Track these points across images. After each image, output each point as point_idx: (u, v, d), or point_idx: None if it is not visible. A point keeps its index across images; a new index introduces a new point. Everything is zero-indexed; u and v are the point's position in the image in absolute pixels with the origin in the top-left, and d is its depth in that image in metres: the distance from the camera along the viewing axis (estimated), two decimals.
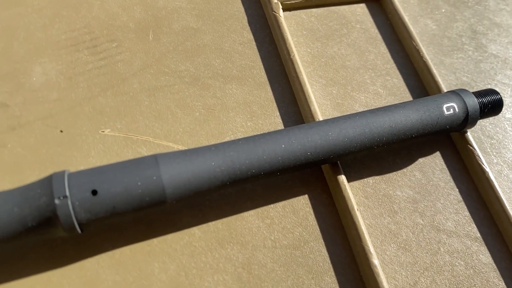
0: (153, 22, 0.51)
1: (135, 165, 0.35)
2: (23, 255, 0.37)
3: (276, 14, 0.51)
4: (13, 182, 0.39)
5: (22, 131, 0.42)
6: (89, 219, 0.33)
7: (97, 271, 0.37)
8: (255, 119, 0.46)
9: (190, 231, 0.39)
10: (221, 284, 0.37)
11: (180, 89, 0.46)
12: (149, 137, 0.43)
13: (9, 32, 0.47)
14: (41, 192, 0.32)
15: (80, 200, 0.33)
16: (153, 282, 0.36)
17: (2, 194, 0.33)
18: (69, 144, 0.42)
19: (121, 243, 0.38)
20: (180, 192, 0.35)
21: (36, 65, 0.46)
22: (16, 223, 0.32)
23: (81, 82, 0.45)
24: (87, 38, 0.48)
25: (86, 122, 0.43)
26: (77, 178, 0.34)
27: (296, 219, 0.41)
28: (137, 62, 0.47)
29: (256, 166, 0.37)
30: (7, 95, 0.44)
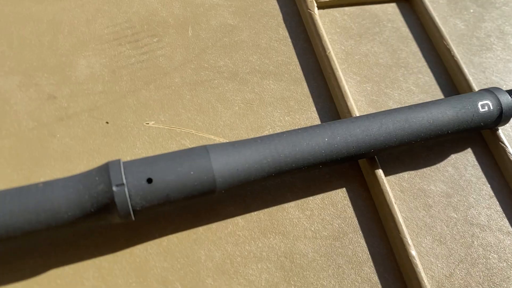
0: (191, 18, 0.52)
1: (187, 155, 0.36)
2: (75, 241, 0.38)
3: (311, 12, 0.52)
4: (63, 170, 0.40)
5: (69, 122, 0.43)
6: (143, 206, 0.34)
7: (146, 258, 0.38)
8: (292, 114, 0.46)
9: (233, 220, 0.40)
10: (265, 272, 0.38)
11: (220, 84, 0.47)
12: (192, 129, 0.44)
13: (55, 26, 0.48)
14: (99, 179, 0.33)
15: (136, 187, 0.33)
16: (200, 269, 0.37)
17: (61, 181, 0.34)
18: (115, 135, 0.43)
19: (168, 231, 0.39)
20: (229, 182, 0.36)
21: (81, 58, 0.47)
22: (76, 208, 0.33)
23: (124, 76, 0.46)
24: (128, 32, 0.49)
25: (131, 114, 0.44)
26: (133, 166, 0.34)
27: (335, 211, 0.42)
28: (178, 57, 0.48)
29: (300, 159, 0.38)
30: (54, 87, 0.45)
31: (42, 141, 0.41)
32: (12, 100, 0.43)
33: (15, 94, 0.44)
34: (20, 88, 0.44)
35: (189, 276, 0.37)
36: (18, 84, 0.44)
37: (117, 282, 0.36)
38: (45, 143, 0.41)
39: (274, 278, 0.38)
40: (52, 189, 0.33)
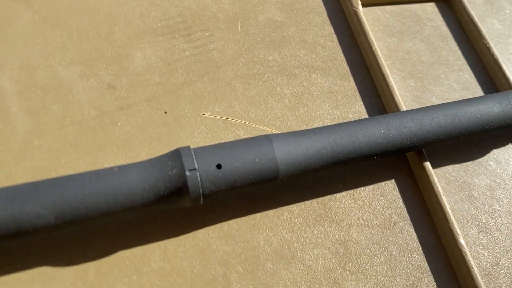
0: (240, 14, 0.53)
1: (252, 144, 0.37)
2: (139, 225, 0.39)
3: (356, 10, 0.53)
4: (126, 157, 0.42)
5: (129, 111, 0.44)
6: (212, 191, 0.35)
7: (208, 242, 0.39)
8: (341, 108, 0.47)
9: (289, 208, 0.41)
10: (321, 258, 0.39)
11: (270, 77, 0.48)
12: (245, 120, 0.45)
13: (111, 18, 0.50)
14: (172, 164, 0.35)
15: (206, 173, 0.35)
16: (260, 253, 0.39)
17: (135, 166, 0.35)
18: (174, 124, 0.44)
19: (228, 216, 0.40)
20: (291, 170, 0.37)
21: (137, 50, 0.48)
22: (150, 192, 0.34)
23: (179, 68, 0.47)
24: (181, 26, 0.50)
25: (188, 105, 0.45)
26: (203, 153, 0.36)
27: (385, 202, 0.43)
28: (229, 51, 0.49)
29: (357, 149, 0.39)
30: (113, 77, 0.46)
31: (104, 129, 0.43)
32: (74, 89, 0.44)
33: (77, 84, 0.45)
34: (81, 78, 0.45)
35: (250, 260, 0.38)
36: (79, 74, 0.45)
37: (182, 264, 0.37)
38: (108, 131, 0.43)
39: (329, 264, 0.39)
40: (127, 173, 0.34)
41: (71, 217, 0.33)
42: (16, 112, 0.42)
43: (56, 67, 0.45)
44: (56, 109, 0.43)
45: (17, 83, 0.44)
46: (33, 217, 0.32)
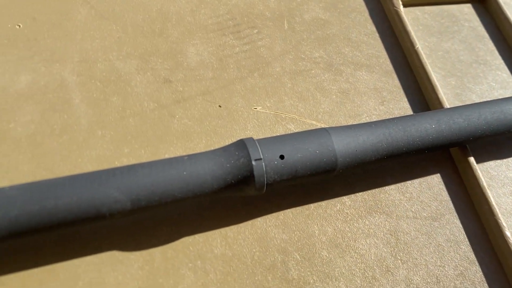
0: (286, 12, 0.54)
1: (312, 136, 0.38)
2: (200, 213, 0.40)
3: (397, 9, 0.54)
4: (185, 148, 0.43)
5: (186, 104, 0.45)
6: (275, 180, 0.36)
7: (266, 230, 0.40)
8: (386, 104, 0.49)
9: (341, 199, 0.42)
10: (373, 247, 0.40)
11: (317, 73, 0.49)
12: (295, 115, 0.46)
13: (163, 15, 0.51)
14: (239, 154, 0.36)
15: (271, 163, 0.36)
16: (315, 242, 0.40)
17: (203, 155, 0.36)
18: (228, 118, 0.45)
19: (283, 206, 0.41)
20: (348, 162, 0.38)
21: (190, 46, 0.49)
22: (219, 179, 0.35)
23: (230, 64, 0.49)
24: (230, 24, 0.51)
25: (240, 99, 0.46)
26: (267, 144, 0.37)
27: (431, 194, 0.44)
28: (277, 48, 0.51)
29: (410, 143, 0.40)
30: (169, 72, 0.47)
31: (163, 121, 0.44)
32: (132, 82, 0.46)
33: (135, 77, 0.46)
34: (138, 71, 0.46)
35: (306, 248, 0.40)
36: (136, 68, 0.47)
37: (243, 250, 0.39)
38: (166, 122, 0.44)
39: (381, 253, 0.40)
40: (197, 162, 0.36)
41: (146, 202, 0.34)
42: (79, 103, 0.44)
43: (114, 61, 0.47)
44: (116, 101, 0.44)
45: (78, 75, 0.45)
46: (111, 202, 0.33)
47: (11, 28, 0.47)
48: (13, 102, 0.43)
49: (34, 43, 0.46)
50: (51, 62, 0.45)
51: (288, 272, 0.38)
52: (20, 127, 0.41)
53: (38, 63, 0.45)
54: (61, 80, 0.45)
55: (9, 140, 0.41)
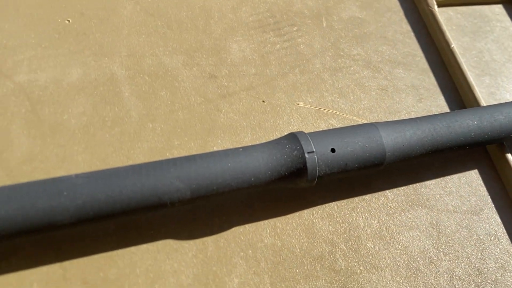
0: (324, 10, 0.54)
1: (360, 130, 0.39)
2: (250, 204, 0.41)
3: (432, 10, 0.54)
4: (232, 141, 0.44)
5: (231, 99, 0.46)
6: (325, 173, 0.37)
7: (312, 221, 0.41)
8: (424, 101, 0.49)
9: (384, 193, 0.43)
10: (416, 239, 0.41)
11: (356, 70, 0.50)
12: (336, 111, 0.47)
13: (205, 12, 0.52)
14: (291, 147, 0.37)
15: (322, 156, 0.37)
16: (361, 234, 0.41)
17: (257, 147, 0.37)
18: (272, 112, 0.46)
19: (329, 199, 0.42)
20: (395, 156, 0.39)
21: (232, 42, 0.50)
22: (273, 171, 0.36)
23: (272, 60, 0.49)
24: (270, 21, 0.52)
25: (283, 95, 0.47)
26: (318, 137, 0.38)
27: (470, 190, 0.45)
28: (316, 45, 0.51)
29: (454, 139, 0.41)
30: (213, 68, 0.48)
31: (210, 115, 0.45)
32: (180, 77, 0.46)
33: (181, 72, 0.47)
34: (184, 66, 0.47)
35: (352, 239, 0.40)
36: (182, 63, 0.47)
37: (291, 241, 0.40)
38: (213, 116, 0.45)
39: (424, 245, 0.41)
40: (252, 154, 0.36)
41: (204, 192, 0.35)
42: (129, 96, 0.44)
43: (161, 56, 0.47)
44: (164, 95, 0.45)
45: (127, 69, 0.46)
46: (173, 190, 0.34)
47: (61, 22, 0.48)
48: (66, 95, 0.44)
49: (83, 37, 0.47)
50: (100, 56, 0.46)
51: (335, 262, 0.39)
52: (74, 119, 0.42)
53: (88, 57, 0.46)
54: (110, 73, 0.45)
55: (63, 131, 0.42)
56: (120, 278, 0.36)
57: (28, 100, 0.42)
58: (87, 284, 0.35)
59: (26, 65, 0.44)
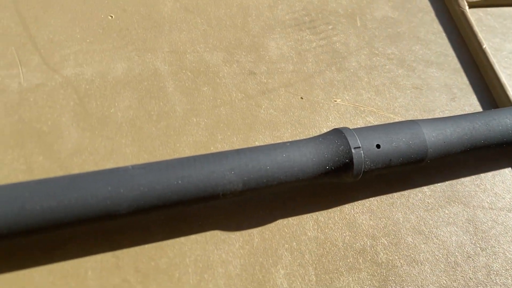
0: (357, 10, 0.55)
1: (403, 127, 0.40)
2: (292, 197, 0.42)
3: (463, 10, 0.55)
4: (273, 137, 0.44)
5: (270, 96, 0.47)
6: (370, 168, 0.38)
7: (354, 216, 0.42)
8: (457, 100, 0.50)
9: (421, 189, 0.44)
10: (454, 235, 0.42)
11: (391, 69, 0.51)
12: (373, 108, 0.48)
13: (243, 10, 0.52)
14: (338, 142, 0.37)
15: (368, 151, 0.37)
16: (400, 228, 0.41)
17: (303, 142, 0.38)
18: (310, 109, 0.47)
19: (368, 194, 0.43)
20: (437, 153, 0.40)
21: (270, 40, 0.50)
22: (320, 165, 0.37)
23: (309, 58, 0.50)
24: (306, 19, 0.53)
25: (320, 92, 0.48)
26: (363, 133, 0.38)
27: (505, 187, 0.45)
28: (351, 43, 0.52)
29: (492, 137, 0.41)
30: (253, 65, 0.48)
31: (251, 111, 0.45)
32: (220, 73, 0.47)
33: (222, 69, 0.47)
34: (224, 63, 0.48)
35: (392, 234, 0.41)
36: (223, 60, 0.48)
37: (334, 234, 0.40)
38: (254, 112, 0.45)
39: (462, 240, 0.42)
40: (299, 148, 0.37)
41: (255, 184, 0.36)
42: (173, 91, 0.45)
43: (202, 53, 0.48)
44: (207, 91, 0.46)
45: (170, 65, 0.47)
46: (225, 182, 0.35)
47: (104, 18, 0.49)
48: (112, 89, 0.44)
49: (126, 33, 0.48)
50: (143, 52, 0.47)
51: (377, 256, 0.40)
52: (120, 112, 0.43)
53: (131, 52, 0.47)
54: (154, 69, 0.46)
55: (111, 124, 0.42)
56: (170, 267, 0.37)
57: (75, 94, 0.43)
58: (139, 273, 0.36)
59: (73, 59, 0.45)
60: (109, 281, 0.36)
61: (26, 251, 0.36)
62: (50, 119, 0.42)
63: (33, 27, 0.46)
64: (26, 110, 0.42)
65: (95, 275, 0.36)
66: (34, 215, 0.31)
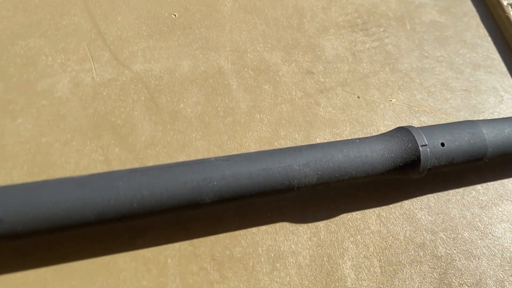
0: (406, 13, 0.56)
1: (464, 127, 0.41)
2: (355, 193, 0.43)
3: (508, 15, 0.56)
4: (333, 134, 0.45)
5: (328, 94, 0.48)
6: (434, 166, 0.39)
7: (413, 211, 0.43)
8: (505, 102, 0.51)
9: (475, 187, 0.45)
10: (508, 231, 0.43)
11: (441, 71, 0.52)
12: (426, 108, 0.49)
13: (298, 11, 0.53)
14: (406, 139, 0.39)
15: (433, 149, 0.38)
16: (457, 224, 0.42)
17: (372, 139, 0.39)
18: (367, 108, 0.48)
19: (425, 191, 0.44)
20: (495, 152, 0.41)
21: (325, 41, 0.52)
22: (389, 162, 0.38)
23: (363, 58, 0.51)
24: (359, 21, 0.54)
25: (376, 92, 0.49)
26: (429, 132, 0.39)
27: None
28: (402, 45, 0.53)
29: None
30: (310, 64, 0.49)
31: (311, 108, 0.47)
32: (280, 72, 0.48)
33: (281, 68, 0.49)
34: (283, 62, 0.49)
35: (449, 229, 0.42)
36: (281, 59, 0.49)
37: (395, 228, 0.41)
38: (314, 110, 0.47)
39: None
40: (369, 145, 0.38)
41: (328, 178, 0.37)
42: (237, 89, 0.46)
43: (262, 52, 0.49)
44: (268, 89, 0.47)
45: (232, 63, 0.48)
46: (301, 176, 0.36)
47: (168, 17, 0.50)
48: (180, 85, 0.45)
49: (190, 31, 0.49)
50: (207, 50, 0.48)
51: (436, 249, 0.41)
52: (189, 108, 0.44)
53: (196, 50, 0.48)
54: (218, 67, 0.47)
55: (181, 119, 0.43)
56: (244, 256, 0.38)
57: (146, 89, 0.44)
58: (215, 261, 0.37)
59: (141, 55, 0.46)
60: (188, 268, 0.37)
61: (110, 238, 0.37)
62: (123, 113, 0.43)
63: (102, 24, 0.48)
64: (100, 103, 0.43)
65: (174, 262, 0.37)
66: (127, 203, 0.32)
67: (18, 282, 0.34)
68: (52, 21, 0.47)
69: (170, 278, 0.36)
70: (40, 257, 0.35)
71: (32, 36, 0.45)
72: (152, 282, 0.36)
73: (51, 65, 0.44)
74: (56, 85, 0.43)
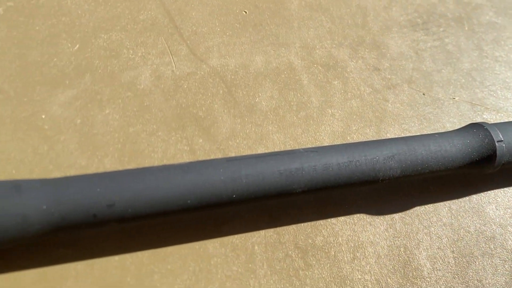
0: (464, 14, 0.57)
1: None
2: (427, 186, 0.43)
3: None
4: (402, 129, 0.46)
5: (395, 91, 0.49)
6: (507, 161, 0.40)
7: (482, 206, 0.43)
8: None
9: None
10: None
11: (500, 71, 0.52)
12: (488, 106, 0.49)
13: (361, 10, 0.54)
14: (482, 135, 0.39)
15: (508, 144, 0.39)
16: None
17: (449, 134, 0.39)
18: (432, 105, 0.48)
19: (491, 186, 0.45)
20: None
21: (389, 39, 0.52)
22: (466, 156, 0.38)
23: (426, 57, 0.52)
24: (419, 21, 0.54)
25: (439, 89, 0.49)
26: (503, 128, 0.40)
27: None
28: (462, 45, 0.53)
29: None
30: (376, 61, 0.50)
31: (379, 104, 0.47)
32: (348, 68, 0.49)
33: (349, 64, 0.49)
34: (351, 59, 0.50)
35: None
36: (349, 56, 0.50)
37: (466, 221, 0.42)
38: (382, 105, 0.47)
39: None
40: (448, 140, 0.39)
41: (410, 171, 0.37)
42: (307, 84, 0.47)
43: (329, 49, 0.50)
44: (337, 85, 0.48)
45: (302, 59, 0.49)
46: (387, 168, 0.37)
47: (239, 13, 0.50)
48: (254, 80, 0.46)
49: (260, 28, 0.50)
50: (278, 46, 0.49)
51: (506, 242, 0.41)
52: (264, 102, 0.45)
53: (267, 46, 0.49)
54: (289, 63, 0.48)
55: (257, 112, 0.44)
56: (326, 245, 0.39)
57: (223, 83, 0.45)
58: (299, 249, 0.38)
59: (216, 51, 0.47)
60: (274, 255, 0.38)
61: (198, 225, 0.38)
62: (204, 105, 0.44)
63: (177, 19, 0.48)
64: (182, 96, 0.44)
65: (261, 249, 0.38)
66: (228, 189, 0.33)
67: (116, 265, 0.35)
68: (131, 16, 0.48)
69: (258, 264, 0.37)
70: (139, 241, 0.36)
71: (113, 30, 0.46)
72: (241, 267, 0.37)
73: (133, 58, 0.45)
74: (139, 77, 0.44)
